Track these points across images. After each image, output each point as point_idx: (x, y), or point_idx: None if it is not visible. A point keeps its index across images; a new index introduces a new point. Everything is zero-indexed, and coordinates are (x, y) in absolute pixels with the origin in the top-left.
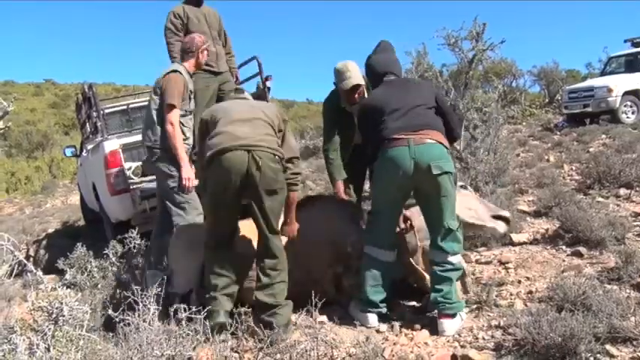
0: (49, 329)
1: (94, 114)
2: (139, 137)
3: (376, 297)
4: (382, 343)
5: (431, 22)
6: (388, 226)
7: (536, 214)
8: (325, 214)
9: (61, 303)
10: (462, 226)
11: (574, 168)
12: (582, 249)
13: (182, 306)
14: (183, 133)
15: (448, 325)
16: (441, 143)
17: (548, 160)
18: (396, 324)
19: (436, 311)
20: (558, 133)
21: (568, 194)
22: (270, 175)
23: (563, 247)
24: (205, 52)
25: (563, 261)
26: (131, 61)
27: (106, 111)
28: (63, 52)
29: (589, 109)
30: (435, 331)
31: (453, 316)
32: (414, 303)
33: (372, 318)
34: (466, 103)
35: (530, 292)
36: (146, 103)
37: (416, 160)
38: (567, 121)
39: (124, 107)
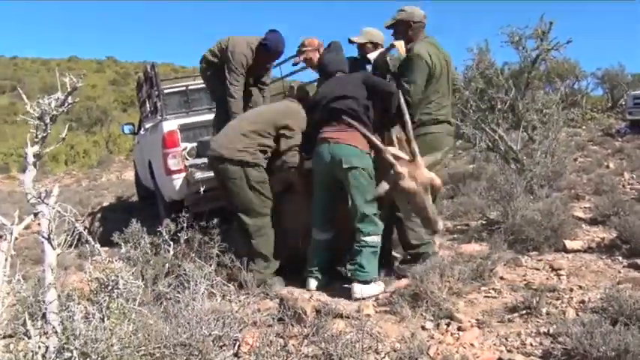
0: (104, 300)
1: (155, 93)
2: (196, 118)
3: (312, 266)
4: (428, 341)
5: (495, 20)
6: (321, 208)
7: (592, 222)
8: None
9: (117, 276)
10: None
11: (635, 176)
12: None
13: (231, 287)
14: None
15: (357, 289)
16: (351, 145)
17: (607, 167)
18: (443, 322)
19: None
20: (620, 139)
21: (628, 203)
22: None
23: (620, 258)
24: None
25: (619, 272)
26: (191, 42)
27: (166, 91)
28: (125, 30)
29: None
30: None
31: (365, 282)
32: (461, 303)
33: (312, 282)
34: (526, 103)
35: (583, 301)
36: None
37: (332, 155)
38: (630, 127)
39: (183, 88)
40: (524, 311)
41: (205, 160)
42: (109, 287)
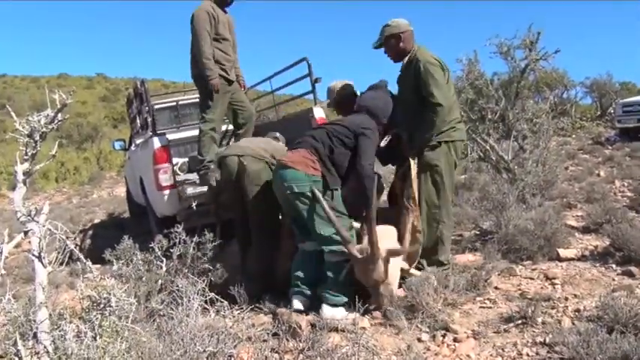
0: (97, 318)
1: (145, 109)
2: (187, 133)
3: (296, 280)
4: (424, 353)
5: (483, 29)
6: (295, 225)
7: (585, 230)
8: None
9: (109, 293)
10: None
11: (626, 184)
12: (634, 269)
13: (225, 303)
14: None
15: (327, 313)
16: (294, 168)
17: (598, 175)
18: (438, 334)
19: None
20: (610, 147)
21: (620, 211)
22: None
23: (613, 266)
24: None
25: (613, 280)
26: (180, 58)
27: (156, 107)
28: (115, 47)
29: None
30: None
31: (333, 305)
32: (456, 314)
33: (296, 303)
34: (516, 113)
35: (578, 310)
36: (196, 100)
37: (280, 179)
38: (620, 135)
39: (174, 104)
40: (519, 321)
41: (196, 175)
42: (101, 305)
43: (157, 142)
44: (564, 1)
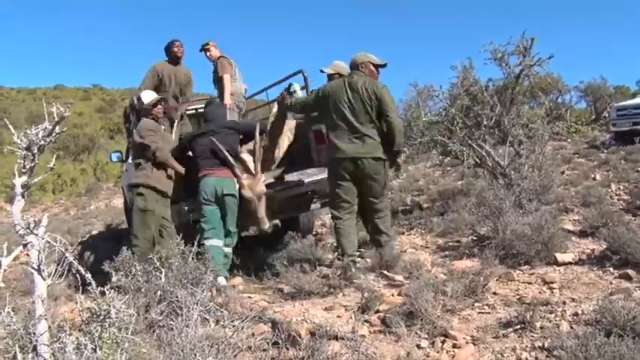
0: (96, 330)
1: None
2: None
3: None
4: None
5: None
6: (217, 222)
7: (582, 234)
8: None
9: (109, 305)
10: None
11: (622, 187)
12: (631, 272)
13: (225, 312)
14: None
15: (222, 282)
16: (227, 177)
17: (594, 179)
18: (437, 340)
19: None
20: (605, 151)
21: (616, 214)
22: None
23: (611, 269)
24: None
25: (611, 283)
26: None
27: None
28: (110, 58)
29: (638, 127)
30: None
31: (225, 278)
32: (455, 320)
33: (221, 280)
34: (511, 118)
35: (576, 314)
36: (192, 111)
37: (218, 185)
38: (615, 139)
39: None
40: (518, 326)
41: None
42: (101, 317)
43: None
44: (558, 5)
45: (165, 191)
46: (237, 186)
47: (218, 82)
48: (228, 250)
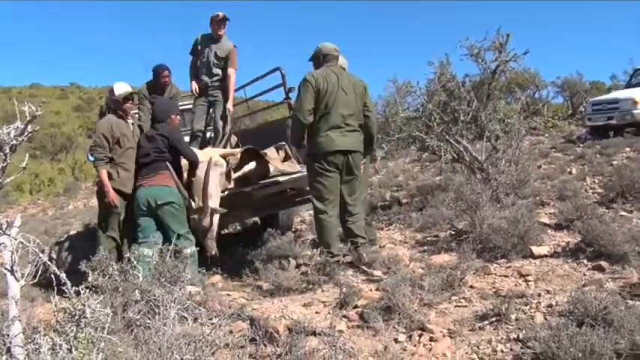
0: (72, 330)
1: None
2: None
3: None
4: (400, 354)
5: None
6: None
7: (557, 227)
8: None
9: (84, 305)
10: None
11: (597, 181)
12: (604, 263)
13: (203, 310)
14: None
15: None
16: (163, 185)
17: (570, 173)
18: (415, 334)
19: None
20: (581, 145)
21: (590, 207)
22: None
23: (585, 261)
24: None
25: (584, 275)
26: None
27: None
28: (88, 55)
29: (613, 122)
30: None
31: (192, 284)
32: (432, 314)
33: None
34: (488, 114)
35: (551, 305)
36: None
37: (150, 196)
38: (590, 133)
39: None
40: (494, 318)
41: None
42: (76, 317)
43: None
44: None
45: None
46: (176, 190)
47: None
48: (189, 250)
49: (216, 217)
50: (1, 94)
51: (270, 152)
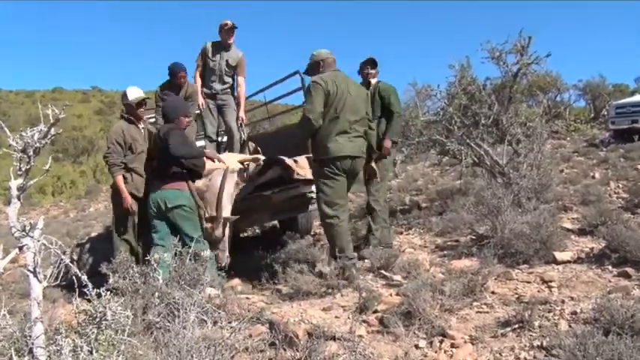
0: (93, 332)
1: None
2: None
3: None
4: None
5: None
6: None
7: (581, 233)
8: None
9: (105, 307)
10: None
11: (621, 186)
12: (630, 270)
13: (223, 313)
14: None
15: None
16: (173, 189)
17: (593, 177)
18: (436, 340)
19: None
20: (604, 149)
21: (615, 212)
22: None
23: (610, 268)
24: None
25: (610, 282)
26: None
27: (151, 121)
28: (109, 59)
29: (637, 125)
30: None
31: (212, 287)
32: (453, 320)
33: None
34: (509, 117)
35: (575, 312)
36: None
37: (160, 199)
38: (614, 137)
39: None
40: (516, 325)
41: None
42: (97, 319)
43: None
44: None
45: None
46: (189, 193)
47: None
48: (206, 254)
49: (227, 229)
50: (25, 98)
51: (302, 161)
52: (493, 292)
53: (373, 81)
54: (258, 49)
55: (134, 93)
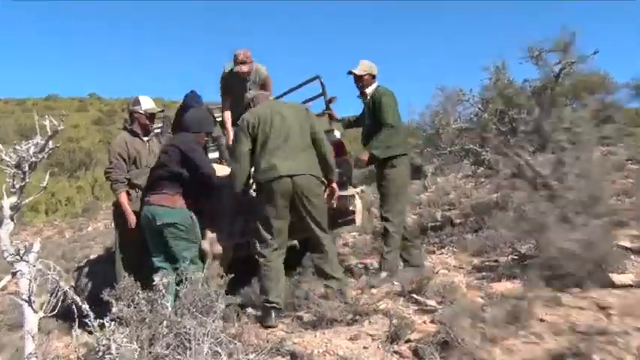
0: None
1: None
2: None
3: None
4: None
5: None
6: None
7: None
8: None
9: (109, 339)
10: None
11: None
12: None
13: (239, 344)
14: None
15: None
16: (162, 205)
17: None
18: None
19: None
20: None
21: None
22: None
23: None
24: None
25: None
26: (181, 75)
27: (156, 131)
28: (108, 65)
29: None
30: None
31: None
32: (497, 351)
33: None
34: (552, 122)
35: None
36: None
37: (150, 215)
38: None
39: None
40: (571, 359)
41: None
42: (100, 352)
43: None
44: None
45: None
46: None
47: None
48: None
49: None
50: (15, 106)
51: None
52: (541, 320)
53: (368, 91)
54: (277, 53)
55: (149, 103)
